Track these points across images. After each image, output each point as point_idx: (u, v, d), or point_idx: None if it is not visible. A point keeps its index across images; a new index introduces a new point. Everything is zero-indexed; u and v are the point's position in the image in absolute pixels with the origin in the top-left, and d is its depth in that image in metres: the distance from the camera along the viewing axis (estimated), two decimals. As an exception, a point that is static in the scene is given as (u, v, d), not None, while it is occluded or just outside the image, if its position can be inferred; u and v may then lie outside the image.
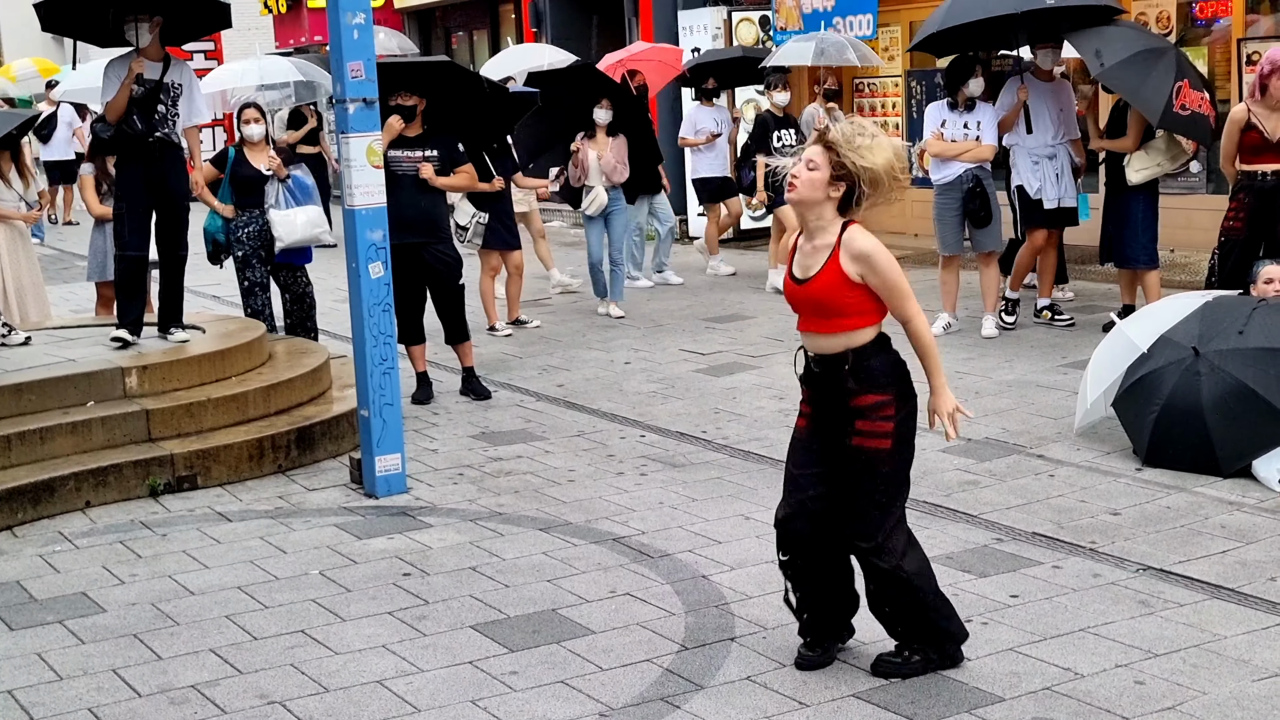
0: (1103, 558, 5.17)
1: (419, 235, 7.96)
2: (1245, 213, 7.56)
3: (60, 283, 13.53)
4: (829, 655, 4.32)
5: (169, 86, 7.46)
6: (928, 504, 5.87)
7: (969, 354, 8.67)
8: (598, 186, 10.44)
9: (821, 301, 4.07)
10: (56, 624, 4.98)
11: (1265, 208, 7.53)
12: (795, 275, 4.15)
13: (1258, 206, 7.54)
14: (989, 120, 9.06)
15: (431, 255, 8.05)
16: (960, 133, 9.06)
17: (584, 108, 10.42)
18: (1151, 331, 6.44)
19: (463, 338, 8.32)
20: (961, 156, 9.03)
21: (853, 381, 4.07)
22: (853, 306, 4.05)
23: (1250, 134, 7.52)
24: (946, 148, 9.06)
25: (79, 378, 6.92)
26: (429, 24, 22.00)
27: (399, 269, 7.51)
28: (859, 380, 4.07)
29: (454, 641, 4.67)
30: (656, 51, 12.93)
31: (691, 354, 9.25)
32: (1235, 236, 7.59)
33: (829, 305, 4.06)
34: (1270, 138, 7.48)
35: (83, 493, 6.32)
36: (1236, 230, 7.58)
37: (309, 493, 6.51)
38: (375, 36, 6.79)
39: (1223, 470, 5.97)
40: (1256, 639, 4.38)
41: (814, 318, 4.12)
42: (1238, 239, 7.57)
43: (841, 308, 4.05)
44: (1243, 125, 7.54)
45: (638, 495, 6.22)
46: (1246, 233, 7.54)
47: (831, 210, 4.06)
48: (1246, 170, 7.63)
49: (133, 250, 7.58)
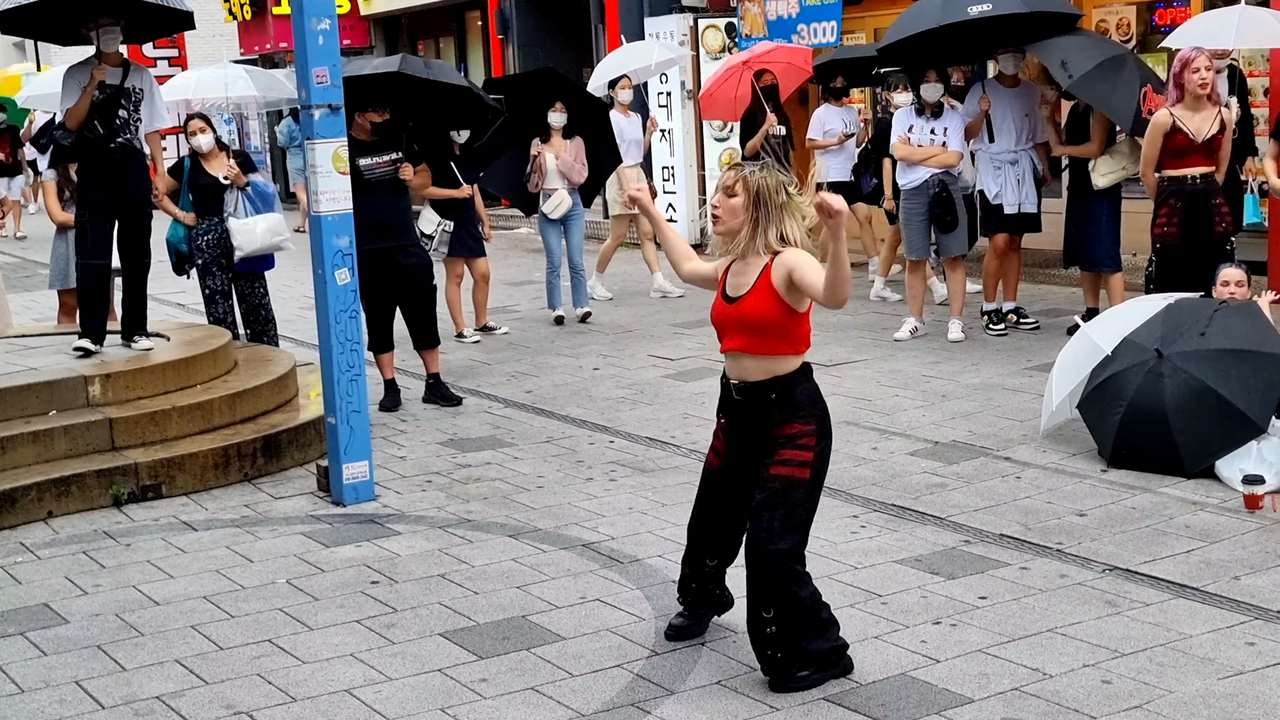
0: (1070, 558, 5.20)
1: (393, 239, 7.97)
2: (1178, 217, 7.56)
3: (22, 290, 13.40)
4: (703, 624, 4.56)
5: (129, 91, 7.41)
6: (896, 507, 5.89)
7: (935, 358, 8.71)
8: (559, 189, 10.38)
9: (751, 319, 4.05)
10: (18, 635, 4.92)
11: (1197, 211, 7.54)
12: (727, 294, 4.15)
13: (1189, 210, 7.55)
14: (956, 126, 9.14)
15: (406, 258, 8.05)
16: (927, 138, 9.13)
17: (539, 112, 10.34)
18: (1115, 334, 6.49)
19: (432, 343, 8.30)
20: (927, 161, 9.10)
21: (778, 411, 4.06)
22: (780, 328, 4.04)
23: (1175, 137, 7.51)
24: (913, 152, 9.12)
25: (41, 386, 6.85)
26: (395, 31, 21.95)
27: (370, 275, 7.55)
28: (784, 409, 4.06)
29: (423, 649, 4.65)
30: (785, 52, 11.82)
31: (660, 359, 9.25)
32: (1170, 242, 7.59)
33: (758, 323, 4.04)
34: (1195, 139, 7.49)
35: (45, 503, 6.25)
36: (1171, 235, 7.58)
37: (275, 501, 6.47)
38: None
39: (1186, 471, 6.02)
40: (1221, 638, 4.42)
41: (741, 337, 4.10)
42: (1173, 244, 7.59)
43: (771, 327, 4.03)
44: (1166, 130, 7.52)
45: (607, 501, 6.21)
46: (1181, 237, 7.57)
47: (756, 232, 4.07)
48: (1174, 175, 7.58)
49: (95, 259, 7.51)
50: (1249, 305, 6.48)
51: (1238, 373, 6.03)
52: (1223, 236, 7.59)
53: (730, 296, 4.13)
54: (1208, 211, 7.53)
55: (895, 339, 9.27)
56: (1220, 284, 6.77)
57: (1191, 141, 7.47)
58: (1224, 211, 7.62)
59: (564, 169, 10.28)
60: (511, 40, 17.37)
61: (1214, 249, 7.52)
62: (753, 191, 4.05)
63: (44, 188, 9.74)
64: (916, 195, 9.17)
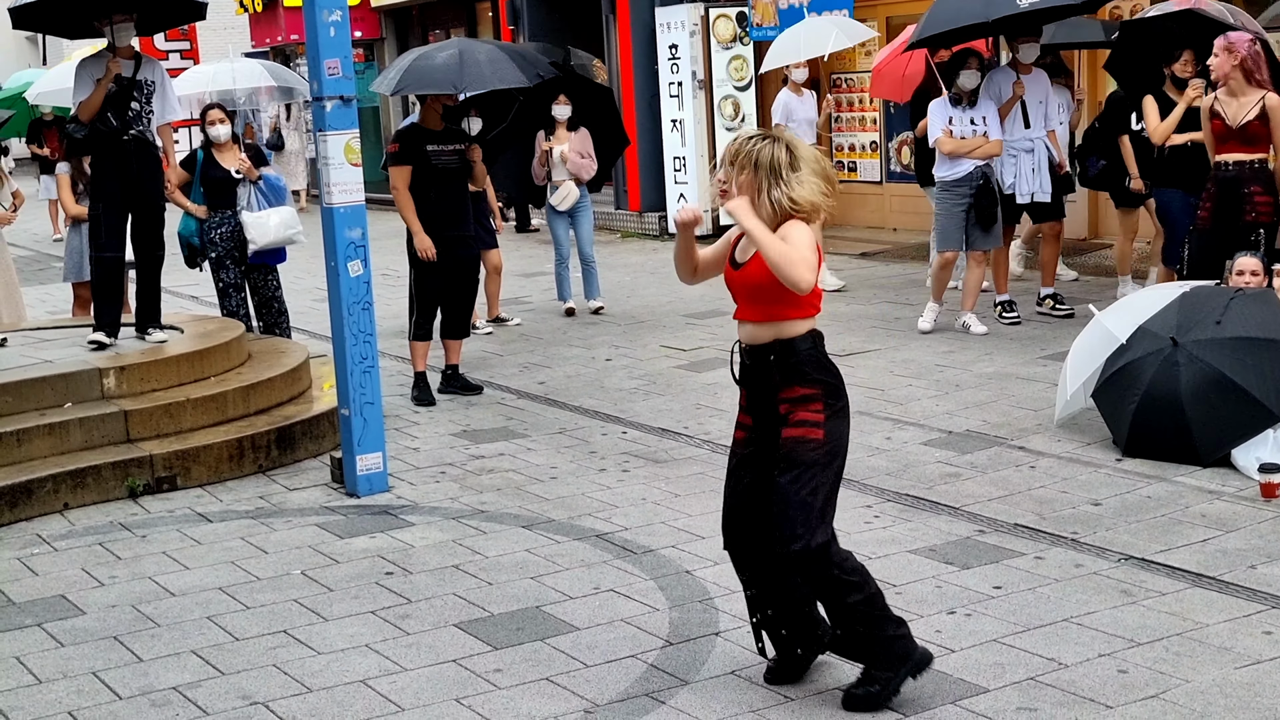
0: (1085, 548, 5.19)
1: (455, 229, 8.08)
2: (1211, 203, 7.56)
3: (37, 284, 13.44)
4: (799, 668, 4.18)
5: (142, 84, 7.43)
6: (910, 497, 5.88)
7: (949, 347, 8.69)
8: (567, 180, 10.37)
9: (757, 284, 3.99)
10: (35, 627, 4.94)
11: (1229, 197, 7.53)
12: (735, 260, 4.11)
13: (1222, 196, 7.54)
14: (993, 115, 8.94)
15: (464, 248, 8.20)
16: (968, 129, 8.91)
17: (542, 105, 10.30)
18: (1130, 322, 6.47)
19: (461, 334, 8.38)
20: (974, 153, 8.87)
21: (778, 373, 3.97)
22: (779, 292, 3.95)
23: (1214, 122, 7.53)
24: (959, 145, 8.87)
25: (56, 379, 6.87)
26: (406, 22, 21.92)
27: (430, 264, 7.87)
28: (784, 372, 3.97)
29: (437, 640, 4.65)
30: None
31: (673, 350, 9.24)
32: (1202, 226, 7.60)
33: (762, 286, 3.98)
34: (1232, 125, 7.47)
35: (61, 495, 6.28)
36: (1203, 220, 7.59)
37: (290, 492, 6.48)
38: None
39: (1202, 460, 6.00)
40: (1238, 627, 4.40)
41: (750, 305, 4.05)
42: (1204, 228, 7.59)
43: (776, 294, 3.96)
44: (1210, 114, 7.56)
45: (620, 492, 6.21)
46: (1213, 222, 7.56)
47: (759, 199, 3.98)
48: (1211, 161, 7.63)
49: (110, 251, 7.53)
50: (1265, 293, 6.45)
51: (1254, 361, 6.00)
52: (1250, 226, 7.55)
53: (737, 261, 4.09)
54: (1239, 199, 7.50)
55: (920, 329, 9.18)
56: (1235, 273, 6.74)
57: (1228, 128, 7.46)
58: (1257, 200, 7.57)
59: (574, 169, 10.28)
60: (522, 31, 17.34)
61: (1244, 236, 7.50)
62: (752, 159, 3.96)
63: (58, 181, 9.77)
64: (958, 187, 8.98)
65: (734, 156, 4.03)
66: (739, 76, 14.09)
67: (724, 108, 14.23)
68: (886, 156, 13.75)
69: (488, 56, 8.60)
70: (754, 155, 3.97)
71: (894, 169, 13.80)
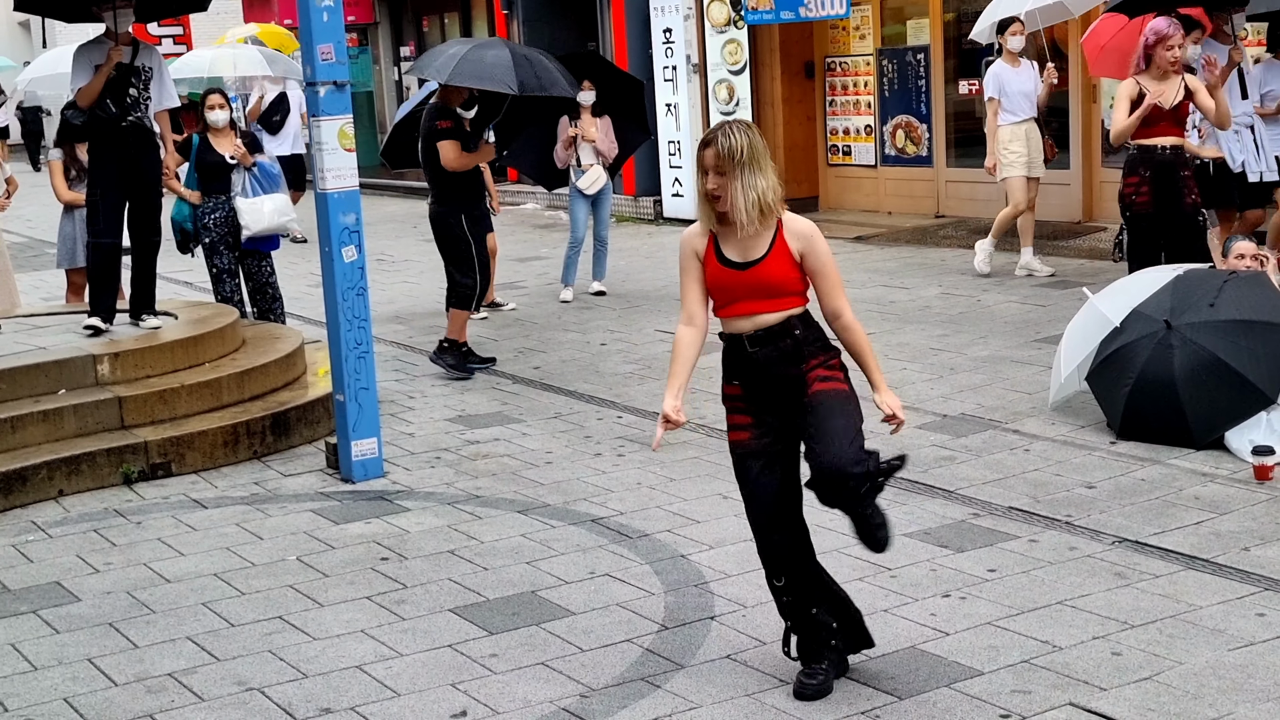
0: (1079, 531, 5.20)
1: (482, 205, 8.92)
2: (1147, 186, 7.49)
3: (30, 270, 13.40)
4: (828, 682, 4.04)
5: (139, 70, 7.41)
6: (905, 480, 5.89)
7: (943, 330, 8.69)
8: (595, 165, 10.48)
9: (771, 282, 3.94)
10: (30, 614, 4.94)
11: (1166, 181, 7.48)
12: (734, 260, 3.96)
13: (1158, 180, 7.48)
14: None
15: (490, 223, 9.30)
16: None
17: None
18: (1124, 306, 6.47)
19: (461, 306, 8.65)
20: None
21: (805, 347, 3.92)
22: (794, 285, 3.94)
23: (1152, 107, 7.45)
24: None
25: (50, 365, 6.86)
26: (400, 6, 21.86)
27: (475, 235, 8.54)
28: (811, 343, 3.93)
29: (433, 625, 4.66)
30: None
31: (668, 334, 9.24)
32: (1143, 211, 7.53)
33: (778, 285, 3.93)
34: (1165, 106, 7.41)
35: (55, 481, 6.27)
36: (1143, 205, 7.51)
37: (285, 478, 6.48)
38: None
39: (1196, 442, 6.01)
40: (1231, 609, 4.42)
41: (753, 301, 3.96)
42: (1145, 213, 7.52)
43: (788, 286, 3.94)
44: (1134, 97, 7.44)
45: (615, 476, 6.21)
46: (1153, 207, 7.50)
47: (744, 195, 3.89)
48: (1144, 144, 7.50)
49: (107, 237, 7.51)
50: (1258, 276, 6.46)
51: (1247, 343, 6.01)
52: (1194, 207, 7.52)
53: (739, 263, 3.95)
54: (1177, 182, 7.46)
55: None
56: (1235, 256, 6.74)
57: (1160, 109, 7.40)
58: (1192, 184, 7.55)
59: (604, 149, 10.47)
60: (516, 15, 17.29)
61: (1185, 221, 7.47)
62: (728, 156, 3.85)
63: (50, 167, 9.74)
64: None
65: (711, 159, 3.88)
66: (733, 60, 14.06)
67: (718, 92, 14.20)
68: (881, 140, 13.74)
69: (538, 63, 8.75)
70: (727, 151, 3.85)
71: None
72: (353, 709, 4.08)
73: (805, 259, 3.93)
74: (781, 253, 3.93)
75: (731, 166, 3.84)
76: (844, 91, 14.09)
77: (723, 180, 3.86)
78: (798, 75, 14.17)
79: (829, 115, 14.19)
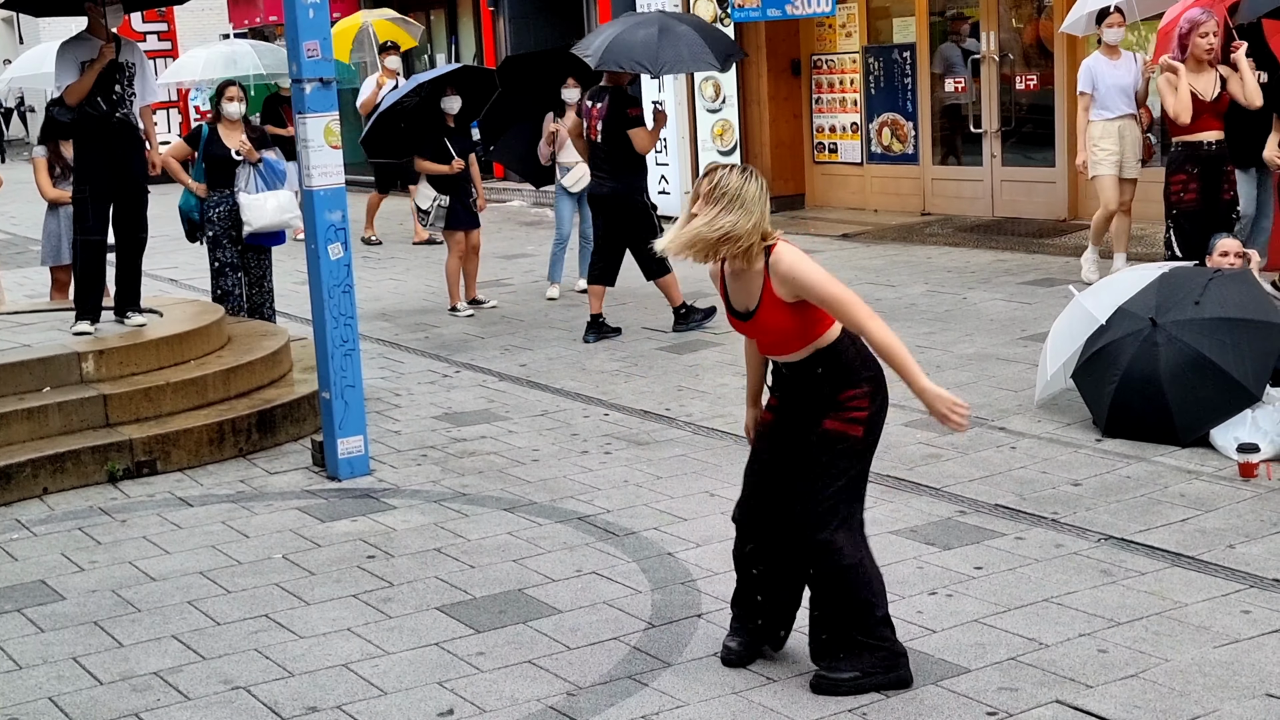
0: (1065, 528, 5.21)
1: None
2: (1195, 184, 7.51)
3: (14, 267, 13.34)
4: (755, 651, 4.18)
5: (124, 66, 7.38)
6: (891, 478, 5.90)
7: (929, 328, 8.71)
8: (580, 163, 10.40)
9: (772, 331, 3.94)
10: (15, 613, 4.92)
11: (1212, 177, 7.51)
12: (736, 310, 3.99)
13: (1205, 176, 7.50)
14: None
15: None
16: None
17: (550, 88, 10.33)
18: (1109, 303, 6.49)
19: None
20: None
21: (827, 385, 3.93)
22: (800, 331, 3.90)
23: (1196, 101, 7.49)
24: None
25: (34, 363, 6.83)
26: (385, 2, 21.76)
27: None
28: (834, 381, 3.93)
29: (420, 623, 4.65)
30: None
31: (654, 332, 9.24)
32: (1190, 208, 7.57)
33: (783, 333, 3.92)
34: (1205, 98, 7.43)
35: (40, 479, 6.24)
36: (1190, 202, 7.55)
37: (271, 476, 6.46)
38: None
39: (1181, 440, 6.03)
40: (1216, 606, 4.43)
41: (775, 345, 3.99)
42: (1193, 209, 7.56)
43: (796, 332, 3.90)
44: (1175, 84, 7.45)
45: (602, 474, 6.21)
46: (1201, 203, 7.53)
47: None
48: (1189, 141, 7.50)
49: (95, 235, 7.48)
50: (1243, 274, 6.48)
51: (1232, 341, 6.03)
52: (1229, 204, 7.55)
53: (741, 313, 3.98)
54: (1219, 178, 7.49)
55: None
56: (1219, 254, 6.77)
57: (1201, 101, 7.41)
58: (1233, 179, 7.58)
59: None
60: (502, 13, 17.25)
61: (1222, 217, 7.49)
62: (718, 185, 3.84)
63: (34, 164, 9.69)
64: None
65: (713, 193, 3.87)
66: (720, 57, 14.02)
67: (705, 89, 14.20)
68: (867, 137, 13.75)
69: (686, 38, 8.85)
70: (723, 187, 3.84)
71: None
72: (339, 707, 4.07)
73: (804, 296, 3.86)
74: (772, 304, 3.89)
75: (718, 198, 3.84)
76: (830, 89, 14.09)
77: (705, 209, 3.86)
78: (784, 72, 14.16)
79: (815, 113, 14.20)
